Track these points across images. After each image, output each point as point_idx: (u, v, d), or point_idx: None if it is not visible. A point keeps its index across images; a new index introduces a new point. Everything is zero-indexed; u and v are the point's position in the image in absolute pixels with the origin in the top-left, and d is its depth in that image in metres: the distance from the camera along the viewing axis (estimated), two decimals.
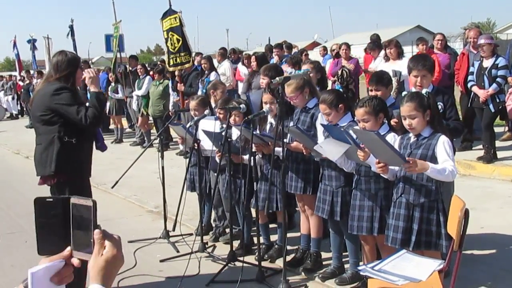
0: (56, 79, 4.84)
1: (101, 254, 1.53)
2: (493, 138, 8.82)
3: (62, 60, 4.89)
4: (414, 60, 5.02)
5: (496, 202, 7.16)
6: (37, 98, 4.91)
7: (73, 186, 4.83)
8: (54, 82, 4.83)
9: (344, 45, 11.39)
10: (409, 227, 4.08)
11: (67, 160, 4.74)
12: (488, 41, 8.71)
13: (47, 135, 4.79)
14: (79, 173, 4.91)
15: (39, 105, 4.83)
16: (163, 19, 11.07)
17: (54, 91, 4.72)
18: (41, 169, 4.84)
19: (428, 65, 4.89)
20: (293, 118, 5.32)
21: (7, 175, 11.25)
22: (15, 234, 6.96)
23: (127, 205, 8.31)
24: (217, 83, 7.45)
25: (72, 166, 4.79)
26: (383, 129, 4.35)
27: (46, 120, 4.78)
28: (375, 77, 5.23)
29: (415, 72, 4.83)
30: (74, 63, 4.95)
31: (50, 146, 4.75)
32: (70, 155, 4.76)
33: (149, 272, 5.47)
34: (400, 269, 3.75)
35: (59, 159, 4.71)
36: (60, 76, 4.85)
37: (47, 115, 4.76)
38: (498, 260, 5.30)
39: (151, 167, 8.14)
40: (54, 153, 4.72)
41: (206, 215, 6.56)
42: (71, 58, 4.94)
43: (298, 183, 5.21)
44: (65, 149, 4.73)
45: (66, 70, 4.85)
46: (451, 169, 3.87)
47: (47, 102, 4.74)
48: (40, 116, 4.81)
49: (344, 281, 4.88)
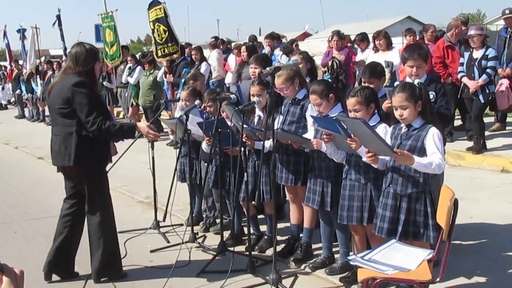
0: (76, 73, 4.87)
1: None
2: (482, 128, 8.87)
3: (80, 52, 4.91)
4: (409, 50, 5.01)
5: (485, 192, 7.20)
6: (55, 90, 4.94)
7: (91, 176, 4.98)
8: (74, 75, 4.86)
9: (336, 34, 11.28)
10: (396, 217, 4.08)
11: (85, 154, 4.84)
12: (478, 32, 8.72)
13: (66, 127, 4.87)
14: (96, 165, 5.01)
15: (58, 97, 4.86)
16: (149, 10, 11.04)
17: (74, 85, 4.77)
18: (59, 160, 4.94)
19: (423, 54, 4.89)
20: (282, 110, 5.31)
21: None
22: (4, 224, 6.93)
23: (117, 196, 8.24)
24: (197, 74, 7.43)
25: (89, 159, 4.90)
26: (373, 120, 4.34)
27: (65, 113, 4.84)
28: (368, 69, 5.23)
29: (411, 62, 4.82)
30: (93, 55, 4.97)
31: (69, 139, 4.83)
32: (88, 149, 4.85)
33: (140, 262, 5.47)
34: (390, 259, 3.78)
35: (78, 153, 4.81)
36: (80, 69, 4.88)
37: (66, 109, 4.81)
38: (486, 249, 5.34)
39: (141, 158, 8.05)
40: (73, 147, 4.81)
41: (196, 205, 6.56)
42: (89, 50, 4.95)
43: (289, 175, 5.21)
44: (83, 143, 4.82)
45: (85, 63, 4.88)
46: (438, 162, 3.86)
47: (67, 95, 4.77)
48: (59, 109, 4.86)
49: (334, 271, 4.90)
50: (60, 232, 5.05)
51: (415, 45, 5.28)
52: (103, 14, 14.24)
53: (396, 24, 48.46)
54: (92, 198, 4.98)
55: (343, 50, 10.98)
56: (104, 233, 5.02)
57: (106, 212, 5.05)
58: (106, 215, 5.04)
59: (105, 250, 5.00)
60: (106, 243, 5.01)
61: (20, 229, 6.50)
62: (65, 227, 5.05)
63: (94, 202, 4.99)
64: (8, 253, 5.70)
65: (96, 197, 4.99)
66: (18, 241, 5.93)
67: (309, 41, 43.92)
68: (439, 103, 4.76)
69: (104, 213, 5.03)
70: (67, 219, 5.06)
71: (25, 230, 6.60)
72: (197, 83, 6.80)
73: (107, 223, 5.05)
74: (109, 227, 5.06)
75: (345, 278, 4.73)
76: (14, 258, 5.27)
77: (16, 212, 7.28)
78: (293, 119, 5.17)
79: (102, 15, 14.28)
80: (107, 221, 5.05)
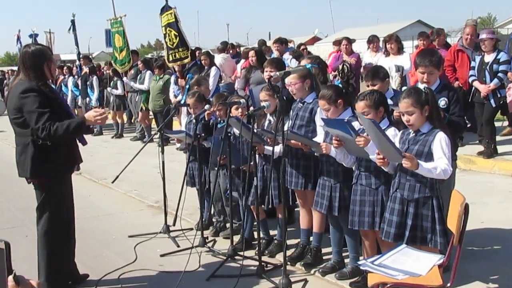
0: (26, 78, 4.64)
1: None
2: (493, 133, 8.82)
3: (26, 56, 4.66)
4: (421, 55, 4.92)
5: (496, 197, 7.16)
6: (9, 99, 4.73)
7: (45, 186, 4.77)
8: (23, 82, 4.63)
9: (345, 39, 11.30)
10: (403, 222, 4.07)
11: (42, 163, 4.64)
12: (490, 36, 8.68)
13: (22, 137, 4.68)
14: (56, 173, 4.79)
15: (10, 107, 4.69)
16: (161, 15, 11.08)
17: (21, 93, 4.54)
18: (20, 171, 4.78)
19: (435, 61, 4.77)
20: (291, 114, 5.31)
21: (7, 169, 11.19)
22: (16, 228, 6.98)
23: (128, 200, 8.32)
24: (201, 79, 7.43)
25: (48, 168, 4.68)
26: (383, 124, 4.33)
27: (19, 123, 4.65)
28: (370, 72, 5.22)
29: (422, 69, 4.77)
30: (40, 56, 4.68)
31: (26, 150, 4.65)
32: (45, 158, 4.64)
33: (150, 266, 5.47)
34: (400, 264, 3.76)
35: (34, 164, 4.62)
36: (28, 73, 4.65)
37: (19, 118, 4.62)
38: (498, 255, 5.31)
39: (151, 162, 8.14)
40: (29, 158, 4.62)
41: (206, 210, 6.56)
42: (35, 51, 4.68)
43: (298, 179, 5.21)
44: (40, 152, 4.61)
45: (32, 66, 4.64)
46: (444, 168, 3.83)
47: (17, 104, 4.58)
48: (13, 119, 4.68)
49: (344, 276, 4.88)
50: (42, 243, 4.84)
51: (428, 51, 5.20)
52: (112, 20, 14.28)
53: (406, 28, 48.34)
54: (42, 207, 4.78)
55: (353, 54, 10.98)
56: (49, 245, 4.78)
57: (54, 223, 4.77)
58: (54, 226, 4.77)
59: (48, 263, 4.79)
60: (50, 256, 4.78)
61: (31, 233, 6.51)
62: (44, 238, 4.82)
63: (43, 212, 4.78)
64: (19, 256, 5.73)
65: (47, 206, 4.76)
66: (29, 245, 5.94)
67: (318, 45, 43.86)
68: (452, 110, 4.68)
69: (53, 223, 4.76)
70: (43, 231, 4.81)
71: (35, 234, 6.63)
72: (201, 88, 6.81)
73: (53, 235, 4.78)
74: (54, 239, 4.79)
75: (355, 283, 4.71)
76: (25, 261, 5.29)
77: (27, 215, 7.30)
78: (302, 123, 5.17)
79: (111, 20, 14.33)
80: (54, 232, 4.77)
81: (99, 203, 7.93)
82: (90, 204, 7.75)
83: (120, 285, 5.07)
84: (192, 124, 6.09)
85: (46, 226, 4.78)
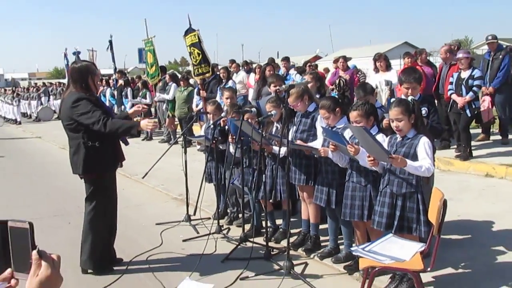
0: (73, 88, 4.73)
1: (36, 275, 1.37)
2: (469, 139, 8.74)
3: (74, 71, 4.74)
4: (405, 73, 4.93)
5: (471, 194, 7.09)
6: (62, 108, 4.81)
7: (99, 180, 4.85)
8: (73, 93, 4.69)
9: (342, 58, 11.31)
10: (393, 213, 4.05)
11: (92, 162, 4.72)
12: (466, 55, 8.63)
13: (75, 140, 4.76)
14: (104, 170, 4.87)
15: (64, 115, 4.77)
16: (185, 36, 11.11)
17: (72, 103, 4.61)
18: (74, 169, 4.85)
19: (418, 78, 4.84)
20: (295, 121, 5.30)
21: (54, 166, 11.32)
22: (60, 216, 7.02)
23: (155, 193, 8.34)
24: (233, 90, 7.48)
25: (97, 166, 4.77)
26: (373, 130, 4.30)
27: (71, 128, 4.73)
28: (361, 89, 5.22)
29: (407, 84, 4.78)
30: (86, 71, 4.74)
31: (78, 151, 4.73)
32: (94, 158, 4.72)
33: (173, 250, 5.49)
34: (387, 250, 3.74)
35: (85, 163, 4.71)
36: (74, 85, 4.73)
37: (71, 124, 4.71)
38: (472, 244, 5.25)
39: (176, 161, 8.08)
40: (81, 158, 4.70)
41: (221, 202, 6.56)
42: (81, 67, 4.75)
43: (301, 176, 5.19)
44: (90, 153, 4.69)
45: (79, 80, 4.70)
46: (428, 166, 3.83)
47: (69, 113, 4.66)
48: (67, 125, 4.77)
49: (339, 260, 4.87)
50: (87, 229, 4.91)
51: (411, 69, 5.19)
52: (145, 40, 14.41)
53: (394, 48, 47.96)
54: (90, 198, 4.85)
55: (348, 71, 10.97)
56: (93, 230, 4.84)
57: (100, 212, 4.86)
58: (98, 215, 4.85)
59: (91, 245, 4.83)
60: (93, 239, 4.83)
61: (73, 220, 6.55)
62: (89, 224, 4.89)
63: (91, 202, 4.85)
64: (62, 238, 5.76)
65: (94, 198, 4.83)
66: (71, 231, 5.98)
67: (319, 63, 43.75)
68: (431, 118, 4.70)
69: (98, 212, 4.84)
70: (89, 218, 4.89)
71: (77, 221, 6.65)
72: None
73: (98, 223, 4.86)
74: (98, 226, 4.86)
75: (348, 266, 4.69)
76: (67, 244, 5.31)
77: (70, 205, 7.35)
78: (305, 128, 5.16)
79: (144, 40, 14.47)
80: (98, 220, 4.86)
81: (131, 196, 7.95)
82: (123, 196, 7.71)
83: (148, 265, 5.08)
84: (210, 129, 6.09)
85: (93, 214, 4.86)
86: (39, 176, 10.41)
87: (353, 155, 4.11)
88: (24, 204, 7.91)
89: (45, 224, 6.47)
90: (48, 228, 6.29)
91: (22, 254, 1.41)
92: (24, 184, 9.56)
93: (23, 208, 7.60)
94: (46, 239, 5.83)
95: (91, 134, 4.66)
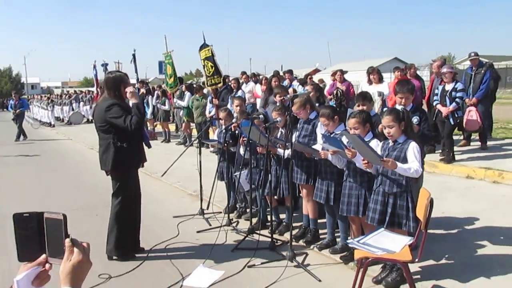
0: (107, 95, 4.80)
1: (69, 260, 1.40)
2: (452, 144, 8.71)
3: (108, 80, 4.83)
4: (400, 84, 4.87)
5: (453, 194, 7.05)
6: (96, 112, 4.88)
7: (125, 177, 4.88)
8: (107, 99, 4.77)
9: (339, 71, 11.29)
10: (385, 210, 4.03)
11: (119, 160, 4.77)
12: (450, 70, 8.61)
13: (105, 140, 4.81)
14: (129, 168, 4.92)
15: (97, 118, 4.82)
16: (200, 51, 11.14)
17: (106, 107, 4.68)
18: (103, 166, 4.90)
19: (411, 89, 4.79)
20: (298, 126, 5.30)
21: (83, 165, 11.37)
22: (89, 209, 7.03)
23: (173, 189, 8.34)
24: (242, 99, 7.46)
25: (123, 164, 4.82)
26: (368, 136, 4.30)
27: (103, 130, 4.79)
28: (360, 96, 5.19)
29: (401, 95, 4.74)
30: (119, 81, 4.80)
31: (108, 149, 4.78)
32: (122, 157, 4.77)
33: (188, 240, 5.49)
34: (379, 243, 3.72)
35: (114, 160, 4.76)
36: (108, 92, 4.79)
37: (104, 126, 4.76)
38: (454, 238, 5.22)
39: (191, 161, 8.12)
40: (111, 156, 4.75)
41: (231, 198, 6.56)
42: (114, 77, 4.82)
43: (302, 176, 5.17)
44: (118, 152, 4.75)
45: (112, 88, 4.78)
46: (416, 168, 3.81)
47: (103, 116, 4.72)
48: (99, 127, 4.83)
49: (335, 251, 4.85)
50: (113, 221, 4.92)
51: (405, 81, 5.16)
52: (165, 54, 14.49)
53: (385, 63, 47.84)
54: (116, 193, 4.88)
55: (344, 83, 10.95)
56: (118, 221, 4.87)
57: (125, 205, 4.88)
58: (123, 208, 4.87)
59: (116, 235, 4.86)
60: (118, 230, 4.86)
61: (100, 212, 6.57)
62: (115, 216, 4.91)
63: (117, 197, 4.88)
64: (90, 229, 5.77)
65: (120, 193, 4.87)
66: (99, 222, 5.99)
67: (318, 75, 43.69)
68: (422, 125, 4.66)
69: (123, 206, 4.87)
70: (115, 210, 4.91)
71: (104, 213, 6.66)
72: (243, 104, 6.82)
73: (123, 215, 4.87)
74: (123, 218, 4.88)
75: (344, 257, 4.68)
76: (94, 234, 5.32)
77: (97, 199, 7.38)
78: (306, 133, 5.15)
79: (164, 54, 14.55)
80: (123, 213, 4.87)
81: (151, 192, 7.95)
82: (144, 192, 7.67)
83: (166, 253, 5.08)
84: (222, 133, 6.09)
85: (118, 207, 4.89)
86: (70, 173, 10.45)
87: (351, 158, 4.10)
88: (56, 197, 7.95)
89: (75, 215, 6.47)
90: (77, 219, 6.29)
91: (56, 241, 1.42)
92: (57, 180, 9.60)
93: (56, 200, 7.63)
94: (75, 229, 5.81)
95: (120, 136, 4.73)
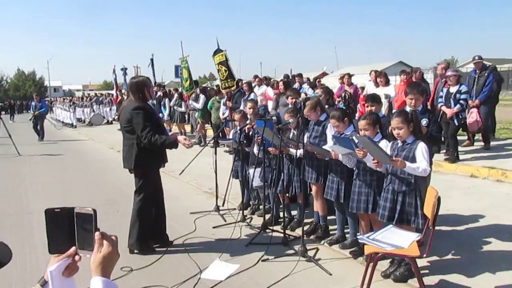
0: (134, 99, 4.83)
1: (100, 252, 1.43)
2: (456, 144, 8.63)
3: (132, 84, 4.88)
4: (410, 87, 4.81)
5: (458, 192, 7.00)
6: (122, 113, 4.91)
7: (147, 175, 4.90)
8: (134, 102, 4.81)
9: (347, 75, 11.28)
10: (394, 208, 4.01)
11: (142, 159, 4.79)
12: (454, 73, 8.55)
13: (129, 140, 4.83)
14: (151, 167, 4.93)
15: (123, 119, 4.85)
16: (214, 56, 11.17)
17: (133, 109, 4.72)
18: (126, 164, 4.92)
19: (421, 90, 4.74)
20: (309, 128, 5.29)
21: (104, 163, 11.46)
22: (111, 205, 7.08)
23: (189, 187, 8.37)
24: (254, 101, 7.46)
25: (145, 163, 4.84)
26: (377, 137, 4.28)
27: (128, 130, 4.81)
28: (370, 97, 5.16)
29: (411, 96, 4.68)
30: (142, 85, 4.85)
31: (131, 149, 4.79)
32: (144, 156, 4.79)
33: (205, 235, 5.51)
34: (388, 239, 3.71)
35: (137, 159, 4.78)
36: (133, 95, 4.83)
37: (128, 126, 4.79)
38: (459, 234, 5.18)
39: (207, 160, 8.15)
40: (134, 155, 4.77)
41: (245, 195, 6.58)
42: (138, 82, 4.87)
43: (313, 175, 5.17)
44: (141, 152, 4.76)
45: (137, 91, 4.81)
46: (424, 167, 3.80)
47: (128, 118, 4.75)
48: (124, 127, 4.85)
49: (345, 246, 4.84)
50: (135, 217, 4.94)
51: (415, 83, 5.09)
52: (181, 58, 14.56)
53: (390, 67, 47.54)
54: (138, 190, 4.91)
55: (352, 85, 10.92)
56: (139, 217, 4.89)
57: (146, 202, 4.91)
58: (144, 205, 4.90)
59: (138, 230, 4.88)
60: (140, 225, 4.88)
61: (121, 209, 6.62)
62: (137, 212, 4.93)
63: (139, 194, 4.90)
64: (112, 224, 5.82)
65: (142, 190, 4.89)
66: (120, 218, 6.04)
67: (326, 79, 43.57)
68: (431, 127, 4.59)
69: (144, 203, 4.89)
70: (137, 207, 4.94)
71: (124, 210, 6.72)
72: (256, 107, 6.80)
73: (144, 211, 4.90)
74: (144, 214, 4.91)
75: (353, 252, 4.67)
76: (116, 229, 5.35)
77: (118, 196, 7.44)
78: (317, 135, 5.14)
79: (180, 59, 14.62)
80: (144, 209, 4.90)
81: (169, 189, 7.93)
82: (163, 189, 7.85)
83: (184, 248, 5.11)
84: (237, 134, 6.11)
85: (140, 204, 4.91)
86: (92, 171, 10.54)
87: (361, 157, 4.09)
88: (79, 193, 8.02)
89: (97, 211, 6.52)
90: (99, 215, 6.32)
91: (86, 234, 1.45)
92: (79, 178, 9.69)
93: (79, 197, 7.70)
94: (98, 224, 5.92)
95: None
